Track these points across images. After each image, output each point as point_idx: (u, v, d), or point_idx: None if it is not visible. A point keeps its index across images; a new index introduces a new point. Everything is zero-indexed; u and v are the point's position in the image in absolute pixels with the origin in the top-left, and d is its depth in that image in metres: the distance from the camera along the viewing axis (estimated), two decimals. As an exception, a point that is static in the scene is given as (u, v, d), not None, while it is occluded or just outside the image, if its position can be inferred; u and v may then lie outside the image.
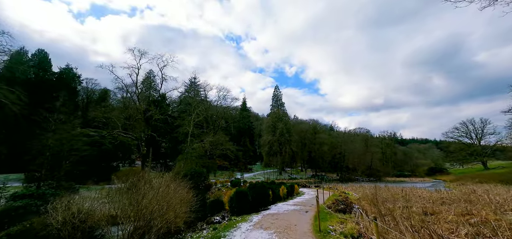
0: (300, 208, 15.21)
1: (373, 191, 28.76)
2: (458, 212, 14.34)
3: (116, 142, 45.49)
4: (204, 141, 51.80)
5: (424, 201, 21.41)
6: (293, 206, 16.08)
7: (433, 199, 22.43)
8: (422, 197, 23.70)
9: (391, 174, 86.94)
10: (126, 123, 48.80)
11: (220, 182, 45.66)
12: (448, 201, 20.24)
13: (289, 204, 16.92)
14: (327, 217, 12.21)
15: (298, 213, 13.21)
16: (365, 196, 22.85)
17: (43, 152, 30.89)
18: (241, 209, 13.17)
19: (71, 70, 66.70)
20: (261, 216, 12.00)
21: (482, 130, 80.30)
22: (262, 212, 13.57)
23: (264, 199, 14.69)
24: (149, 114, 43.51)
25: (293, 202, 18.36)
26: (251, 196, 14.36)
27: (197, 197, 11.50)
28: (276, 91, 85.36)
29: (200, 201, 11.43)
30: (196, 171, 40.51)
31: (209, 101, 66.40)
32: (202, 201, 11.49)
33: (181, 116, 61.36)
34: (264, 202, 14.79)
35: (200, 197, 11.53)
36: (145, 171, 45.09)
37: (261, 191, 14.53)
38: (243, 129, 79.90)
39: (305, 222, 10.96)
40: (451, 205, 17.94)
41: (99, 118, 41.11)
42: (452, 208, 16.20)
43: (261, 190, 14.60)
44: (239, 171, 68.15)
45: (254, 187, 14.72)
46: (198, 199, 11.43)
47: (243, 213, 13.07)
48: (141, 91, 58.80)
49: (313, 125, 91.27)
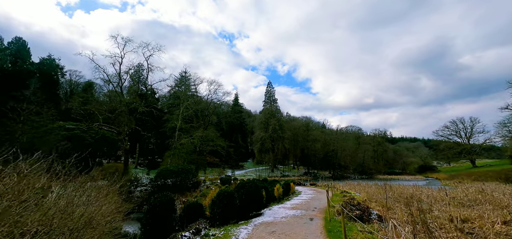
0: (302, 212, 11.71)
1: (375, 190, 25.70)
2: (499, 219, 11.11)
3: (98, 136, 41.14)
4: (193, 136, 47.84)
5: (437, 202, 18.34)
6: (292, 210, 12.57)
7: (443, 199, 19.42)
8: (431, 197, 20.67)
9: (383, 171, 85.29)
10: (109, 116, 44.50)
11: (209, 180, 41.85)
12: (468, 203, 17.21)
13: (286, 207, 13.40)
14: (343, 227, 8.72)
15: (301, 222, 9.69)
16: (371, 197, 19.56)
17: (13, 145, 26.40)
18: (225, 216, 9.56)
19: (53, 61, 61.41)
20: (252, 228, 8.41)
21: (471, 129, 79.26)
22: (254, 220, 9.99)
23: (256, 202, 11.11)
24: (133, 106, 39.24)
25: (291, 204, 14.85)
26: (240, 198, 10.77)
27: (163, 202, 7.80)
28: (269, 87, 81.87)
29: (164, 207, 7.73)
30: (184, 167, 36.59)
31: (200, 95, 62.38)
32: (167, 206, 7.78)
33: (170, 110, 57.22)
34: (256, 205, 11.21)
35: (163, 201, 7.81)
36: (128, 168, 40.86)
37: (252, 192, 10.95)
38: (234, 125, 75.99)
39: (316, 237, 7.45)
40: (476, 208, 14.87)
41: (76, 109, 36.60)
42: (482, 212, 13.09)
43: (253, 190, 11.00)
44: (230, 168, 64.38)
45: (243, 187, 11.12)
46: (161, 204, 7.73)
47: (228, 222, 9.46)
48: (130, 85, 54.34)
49: (306, 122, 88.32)
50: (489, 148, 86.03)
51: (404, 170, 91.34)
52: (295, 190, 24.27)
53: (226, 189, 10.10)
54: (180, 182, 34.13)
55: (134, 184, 31.50)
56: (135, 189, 31.21)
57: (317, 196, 19.69)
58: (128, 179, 30.28)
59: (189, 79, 64.42)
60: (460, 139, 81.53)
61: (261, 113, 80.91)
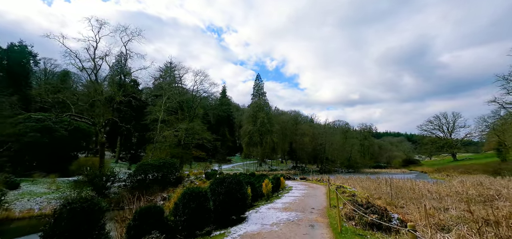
0: (298, 216, 8.83)
1: (370, 184, 23.33)
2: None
3: (70, 128, 36.92)
4: (177, 129, 44.14)
5: (443, 198, 16.07)
6: (285, 211, 9.67)
7: (449, 194, 17.25)
8: (434, 192, 18.44)
9: (369, 165, 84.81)
10: (83, 106, 40.07)
11: (193, 174, 38.54)
12: (478, 198, 15.03)
13: (278, 208, 10.48)
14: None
15: (299, 231, 6.77)
16: (371, 192, 16.99)
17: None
18: (193, 225, 6.53)
19: (24, 47, 55.54)
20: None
21: (453, 123, 79.84)
22: (234, 229, 7.00)
23: (238, 203, 8.09)
24: (108, 94, 35.11)
25: (283, 203, 11.94)
26: (216, 199, 7.74)
27: (83, 210, 4.60)
28: (258, 80, 78.57)
29: (86, 217, 4.54)
30: (166, 161, 33.12)
31: (185, 87, 58.29)
32: (89, 215, 4.56)
33: (154, 102, 53.05)
34: (238, 207, 8.19)
35: (84, 208, 4.58)
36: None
37: (233, 190, 7.93)
38: (222, 118, 72.31)
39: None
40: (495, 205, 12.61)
41: (43, 97, 32.17)
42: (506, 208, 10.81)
43: (234, 187, 7.99)
44: (218, 162, 61.07)
45: (222, 182, 8.09)
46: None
47: (195, 233, 6.42)
48: (111, 75, 49.65)
49: (294, 116, 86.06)
50: (468, 143, 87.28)
51: (389, 164, 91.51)
52: (286, 185, 21.49)
53: (192, 190, 7.01)
54: (161, 177, 31.11)
55: (110, 179, 27.89)
56: (112, 185, 27.77)
57: (311, 192, 16.97)
58: (103, 174, 26.88)
59: (174, 70, 60.16)
60: (442, 133, 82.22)
61: (250, 107, 77.75)
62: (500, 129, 50.46)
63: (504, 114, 45.08)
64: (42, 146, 31.34)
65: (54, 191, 24.06)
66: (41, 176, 29.63)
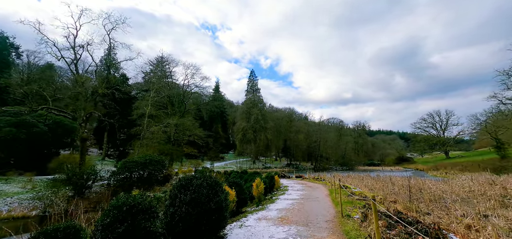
0: (300, 233, 6.00)
1: (373, 184, 20.72)
2: None
3: (49, 122, 33.50)
4: (166, 125, 40.86)
5: (465, 201, 13.55)
6: (282, 225, 6.79)
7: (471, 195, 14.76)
8: (446, 191, 15.95)
9: (363, 163, 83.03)
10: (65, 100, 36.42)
11: (182, 172, 35.43)
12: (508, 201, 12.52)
13: (272, 219, 7.59)
14: None
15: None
16: (382, 193, 14.26)
17: None
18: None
19: (5, 38, 51.42)
20: None
21: (446, 121, 78.54)
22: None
23: (211, 217, 5.15)
24: (90, 86, 31.66)
25: (279, 209, 9.06)
26: (175, 212, 4.81)
27: None
28: (252, 77, 75.47)
29: None
30: (152, 158, 30.03)
31: (176, 81, 54.80)
32: None
33: (142, 96, 49.62)
34: (211, 223, 5.24)
35: None
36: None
37: (203, 196, 5.03)
38: (215, 114, 68.95)
39: None
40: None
41: (14, 88, 28.59)
42: None
43: (205, 192, 5.09)
44: (210, 160, 57.94)
45: (187, 186, 5.17)
46: None
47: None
48: (99, 70, 45.92)
49: (289, 113, 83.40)
50: (459, 141, 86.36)
51: (383, 161, 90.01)
52: (281, 184, 18.62)
53: (131, 197, 4.08)
54: (147, 175, 28.05)
55: (91, 178, 24.66)
56: (93, 184, 24.59)
57: (311, 193, 14.16)
58: (83, 172, 23.76)
59: (165, 65, 56.58)
60: (435, 131, 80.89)
61: (243, 103, 74.64)
62: (492, 127, 49.06)
63: (504, 110, 43.35)
64: (19, 142, 28.23)
65: (28, 191, 21.21)
66: (17, 174, 26.58)
